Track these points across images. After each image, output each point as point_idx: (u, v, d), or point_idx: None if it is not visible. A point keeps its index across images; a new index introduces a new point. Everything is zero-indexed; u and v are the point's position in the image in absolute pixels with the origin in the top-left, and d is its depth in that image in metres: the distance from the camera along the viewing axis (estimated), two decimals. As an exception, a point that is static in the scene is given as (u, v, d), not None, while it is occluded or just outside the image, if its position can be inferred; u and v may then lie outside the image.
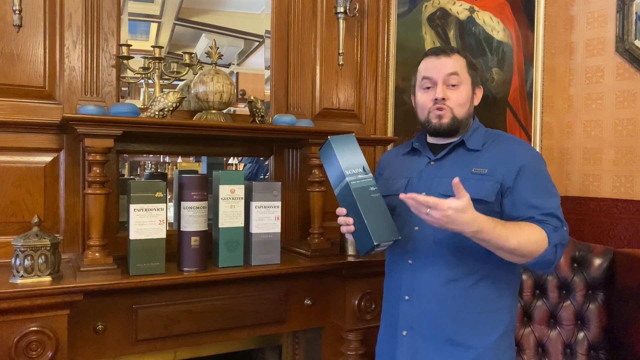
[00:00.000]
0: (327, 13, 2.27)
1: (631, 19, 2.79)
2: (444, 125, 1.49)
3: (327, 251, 1.93)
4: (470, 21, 2.76)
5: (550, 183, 1.46)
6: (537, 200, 1.40)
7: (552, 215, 1.39)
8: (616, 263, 2.20)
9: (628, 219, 2.78)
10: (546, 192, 1.42)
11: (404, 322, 1.50)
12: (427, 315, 1.46)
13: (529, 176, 1.42)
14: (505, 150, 1.47)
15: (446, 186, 1.43)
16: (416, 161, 1.57)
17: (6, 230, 1.72)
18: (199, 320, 1.75)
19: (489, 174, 1.43)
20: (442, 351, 1.44)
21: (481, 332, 1.43)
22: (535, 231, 1.36)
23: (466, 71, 1.50)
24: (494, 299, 1.45)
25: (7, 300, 1.39)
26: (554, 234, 1.36)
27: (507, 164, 1.43)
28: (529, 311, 2.26)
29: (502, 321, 1.46)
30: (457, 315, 1.43)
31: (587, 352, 2.19)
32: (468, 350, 1.42)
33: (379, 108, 2.39)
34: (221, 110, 1.91)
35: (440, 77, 1.48)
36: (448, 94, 1.48)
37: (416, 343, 1.47)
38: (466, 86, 1.50)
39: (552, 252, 1.36)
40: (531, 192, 1.41)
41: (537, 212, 1.39)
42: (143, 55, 1.97)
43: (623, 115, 2.84)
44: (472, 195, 1.37)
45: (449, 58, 1.49)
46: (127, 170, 1.98)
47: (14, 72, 1.74)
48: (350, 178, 1.40)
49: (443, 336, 1.44)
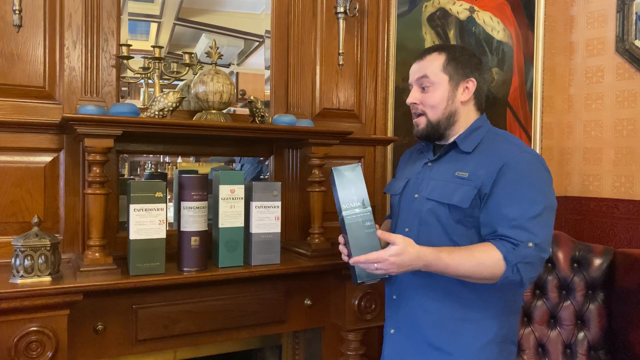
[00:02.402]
0: (327, 13, 2.27)
1: (631, 19, 2.79)
2: (420, 131, 1.50)
3: (327, 251, 1.93)
4: (470, 21, 2.76)
5: (531, 187, 1.34)
6: (508, 209, 1.32)
7: (519, 227, 1.29)
8: (616, 263, 2.20)
9: (628, 219, 2.78)
10: (520, 198, 1.32)
11: (391, 320, 1.53)
12: (410, 317, 1.47)
13: (506, 179, 1.34)
14: (492, 152, 1.40)
15: (430, 189, 1.43)
16: (418, 162, 1.58)
17: (6, 230, 1.71)
18: (199, 320, 1.75)
19: (469, 178, 1.38)
20: (425, 354, 1.44)
21: (462, 340, 1.41)
22: (489, 254, 1.29)
23: (440, 70, 1.46)
24: (477, 309, 1.41)
25: (7, 300, 1.39)
26: (512, 253, 1.28)
27: (490, 166, 1.36)
28: (529, 311, 2.26)
29: (486, 331, 1.41)
30: (438, 320, 1.43)
31: (587, 352, 2.19)
32: (449, 356, 1.41)
33: (379, 108, 2.39)
34: (221, 110, 1.90)
35: (413, 81, 1.51)
36: (420, 98, 1.48)
37: (402, 343, 1.49)
38: (440, 86, 1.46)
39: (514, 272, 1.28)
40: (502, 198, 1.33)
41: (504, 223, 1.31)
42: (143, 55, 1.97)
43: (623, 115, 2.84)
44: (447, 200, 1.38)
45: (422, 61, 1.50)
46: (127, 170, 1.98)
47: (14, 72, 1.73)
48: (347, 212, 1.40)
49: (424, 339, 1.44)
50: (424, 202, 1.45)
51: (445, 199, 1.38)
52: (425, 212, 1.43)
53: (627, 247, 2.73)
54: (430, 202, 1.43)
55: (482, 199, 1.36)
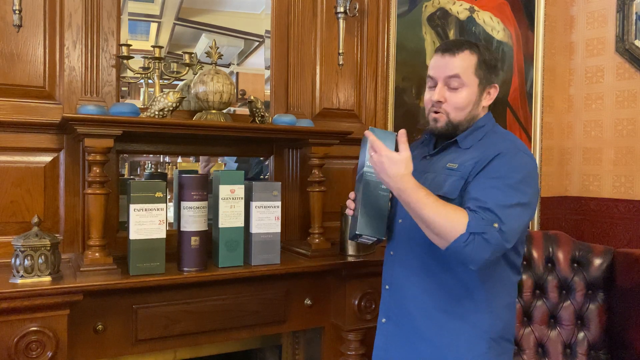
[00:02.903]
0: (327, 13, 2.27)
1: (631, 19, 2.79)
2: (438, 128, 1.46)
3: (327, 251, 1.93)
4: (470, 21, 2.76)
5: (515, 181, 1.32)
6: (481, 192, 1.30)
7: (488, 210, 1.27)
8: (616, 263, 2.20)
9: (628, 219, 2.78)
10: (499, 188, 1.30)
11: (383, 310, 1.54)
12: (400, 305, 1.48)
13: (492, 168, 1.33)
14: (487, 146, 1.40)
15: (423, 181, 1.41)
16: (420, 154, 1.57)
17: (6, 230, 1.72)
18: (199, 320, 1.75)
19: (458, 169, 1.38)
20: (414, 344, 1.44)
21: (450, 333, 1.40)
22: (458, 213, 1.26)
23: (473, 72, 1.41)
24: (464, 301, 1.39)
25: (7, 300, 1.39)
26: (477, 223, 1.25)
27: (481, 156, 1.36)
28: (528, 311, 2.26)
29: (475, 326, 1.39)
30: (426, 310, 1.43)
31: (587, 352, 2.19)
32: (437, 349, 1.41)
33: (379, 108, 2.39)
34: (221, 110, 1.91)
35: (440, 78, 1.42)
36: (447, 96, 1.42)
37: (391, 331, 1.50)
38: (470, 89, 1.41)
39: (467, 241, 1.24)
40: (481, 184, 1.32)
41: (474, 203, 1.29)
42: (143, 55, 1.97)
43: (623, 115, 2.84)
44: (434, 191, 1.35)
45: (453, 58, 1.41)
46: (127, 170, 1.98)
47: (14, 72, 1.74)
48: (369, 169, 1.42)
49: (412, 328, 1.45)
50: None
51: (433, 189, 1.35)
52: None
53: (627, 247, 2.72)
54: None
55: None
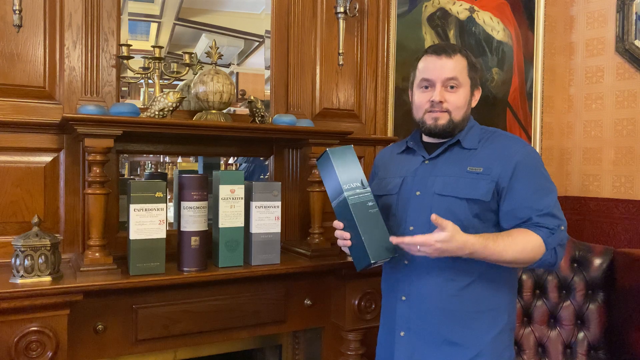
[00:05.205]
0: (327, 13, 2.27)
1: (631, 19, 2.79)
2: (439, 126, 1.47)
3: (327, 251, 1.93)
4: (470, 21, 2.76)
5: (546, 179, 1.45)
6: (534, 201, 1.40)
7: (549, 214, 1.39)
8: (616, 263, 2.20)
9: (628, 219, 2.78)
10: (542, 190, 1.42)
11: (401, 322, 1.50)
12: (423, 315, 1.46)
13: (525, 174, 1.42)
14: (501, 148, 1.46)
15: (442, 185, 1.44)
16: (411, 160, 1.56)
17: (6, 230, 1.72)
18: (199, 320, 1.75)
19: (485, 172, 1.43)
20: (440, 351, 1.44)
21: (477, 332, 1.44)
22: (530, 239, 1.37)
23: (466, 74, 1.48)
24: (490, 298, 1.45)
25: (7, 300, 1.39)
26: (551, 238, 1.38)
27: (503, 162, 1.43)
28: (529, 311, 2.26)
29: (499, 320, 1.46)
30: (453, 315, 1.43)
31: (587, 352, 2.19)
32: (465, 349, 1.43)
33: (379, 108, 2.39)
34: (221, 110, 1.91)
35: (439, 79, 1.46)
36: (446, 97, 1.46)
37: (414, 344, 1.48)
38: (465, 89, 1.48)
39: (552, 255, 1.38)
40: (527, 192, 1.41)
41: (534, 213, 1.39)
42: (143, 55, 1.97)
43: (623, 115, 2.84)
44: (467, 195, 1.40)
45: (449, 59, 1.46)
46: (127, 170, 1.98)
47: (14, 72, 1.74)
48: (348, 193, 1.37)
49: (440, 336, 1.44)
50: (432, 198, 1.44)
51: (463, 194, 1.41)
52: (437, 208, 1.43)
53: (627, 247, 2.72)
54: (445, 197, 1.43)
55: (499, 193, 1.42)
